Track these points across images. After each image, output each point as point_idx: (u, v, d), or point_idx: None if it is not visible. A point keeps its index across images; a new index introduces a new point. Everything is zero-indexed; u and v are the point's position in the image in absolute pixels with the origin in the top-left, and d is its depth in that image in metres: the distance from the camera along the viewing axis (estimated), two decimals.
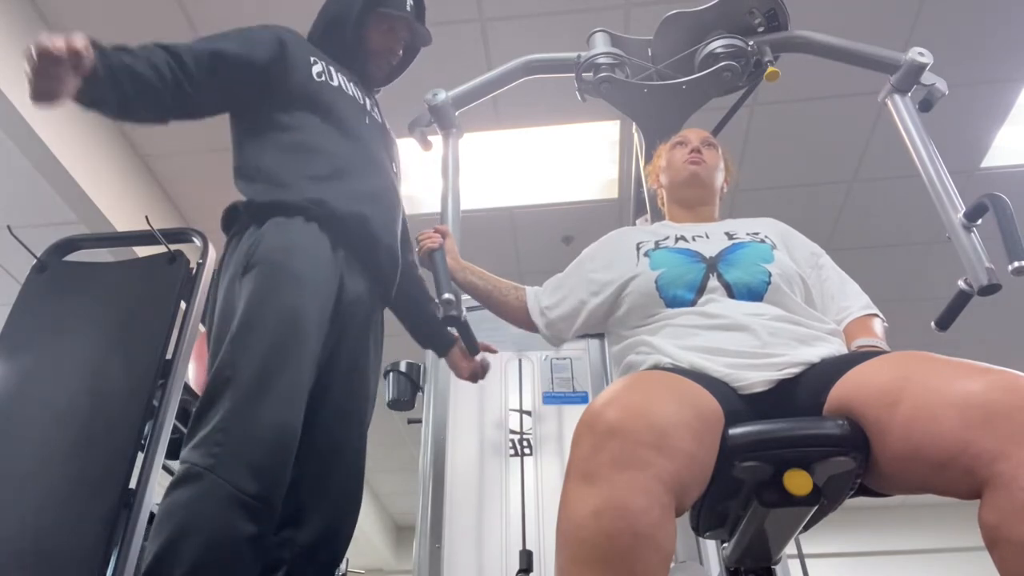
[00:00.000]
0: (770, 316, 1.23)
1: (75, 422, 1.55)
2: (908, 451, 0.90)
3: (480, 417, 2.19)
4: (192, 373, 1.89)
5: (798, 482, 0.95)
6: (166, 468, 1.65)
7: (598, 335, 2.30)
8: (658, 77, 1.94)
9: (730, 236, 1.42)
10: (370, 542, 6.88)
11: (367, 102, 1.69)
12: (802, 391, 1.10)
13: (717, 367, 1.14)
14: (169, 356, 1.66)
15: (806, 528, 1.08)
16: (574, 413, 1.92)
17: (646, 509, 0.83)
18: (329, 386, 1.40)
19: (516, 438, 2.13)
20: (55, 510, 1.45)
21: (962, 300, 1.51)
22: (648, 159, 1.87)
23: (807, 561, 3.01)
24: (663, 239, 1.44)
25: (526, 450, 2.11)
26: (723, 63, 1.83)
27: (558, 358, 2.30)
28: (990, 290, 1.46)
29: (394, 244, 1.59)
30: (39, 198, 3.27)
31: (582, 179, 3.86)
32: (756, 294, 1.28)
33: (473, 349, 1.72)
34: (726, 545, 1.16)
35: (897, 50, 1.82)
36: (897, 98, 1.80)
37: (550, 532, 1.85)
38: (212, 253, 1.78)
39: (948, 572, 6.35)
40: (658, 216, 1.77)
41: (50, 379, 1.62)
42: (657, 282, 1.33)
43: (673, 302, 1.30)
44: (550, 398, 2.23)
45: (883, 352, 1.11)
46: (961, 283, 1.51)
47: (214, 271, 1.57)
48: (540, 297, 1.53)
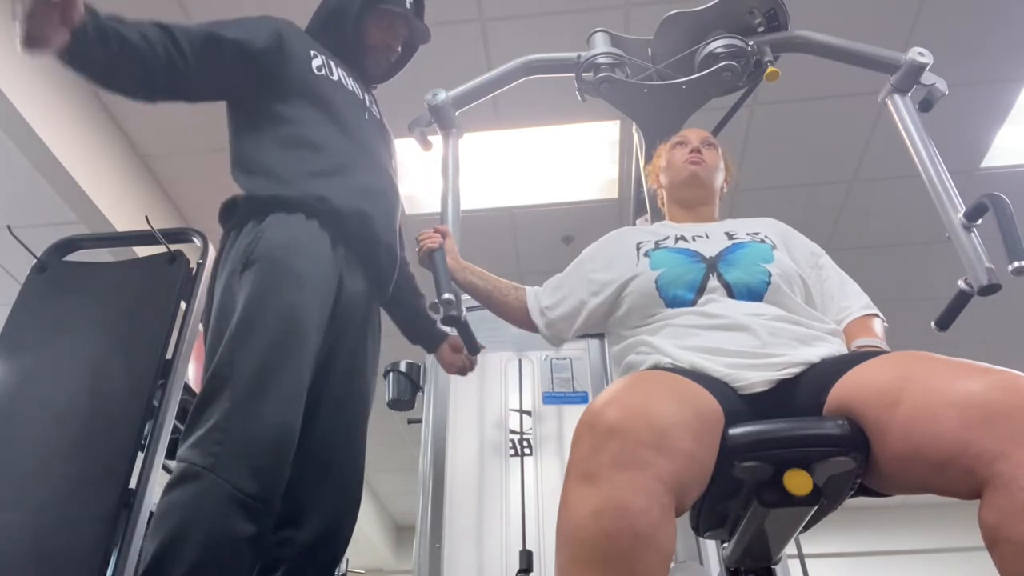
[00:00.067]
0: (770, 316, 1.23)
1: (75, 422, 1.55)
2: (908, 451, 0.90)
3: (480, 417, 2.19)
4: (192, 373, 1.89)
5: (798, 482, 0.95)
6: (166, 468, 1.65)
7: (598, 335, 2.30)
8: (658, 77, 1.94)
9: (730, 236, 1.42)
10: (370, 542, 6.88)
11: (366, 98, 1.68)
12: (802, 391, 1.10)
13: (717, 367, 1.14)
14: (169, 356, 1.66)
15: (806, 528, 1.08)
16: (574, 413, 1.92)
17: (646, 509, 0.83)
18: (327, 385, 1.40)
19: (516, 438, 2.13)
20: (55, 510, 1.45)
21: (962, 300, 1.51)
22: (648, 159, 1.87)
23: (807, 561, 3.01)
24: (663, 239, 1.44)
25: (526, 450, 2.11)
26: (723, 63, 1.83)
27: (558, 358, 2.30)
28: (990, 290, 1.46)
29: (394, 243, 1.58)
30: (39, 198, 3.26)
31: (582, 179, 3.86)
32: (756, 294, 1.28)
33: (473, 349, 1.71)
34: (726, 545, 1.16)
35: (897, 50, 1.82)
36: (897, 98, 1.79)
37: (550, 532, 1.85)
38: (212, 253, 1.78)
39: (948, 572, 6.35)
40: (658, 216, 1.77)
41: (50, 379, 1.62)
42: (657, 282, 1.33)
43: (673, 302, 1.30)
44: (550, 398, 2.23)
45: (883, 352, 1.11)
46: (961, 283, 1.51)
47: (211, 265, 1.56)
48: (540, 297, 1.53)
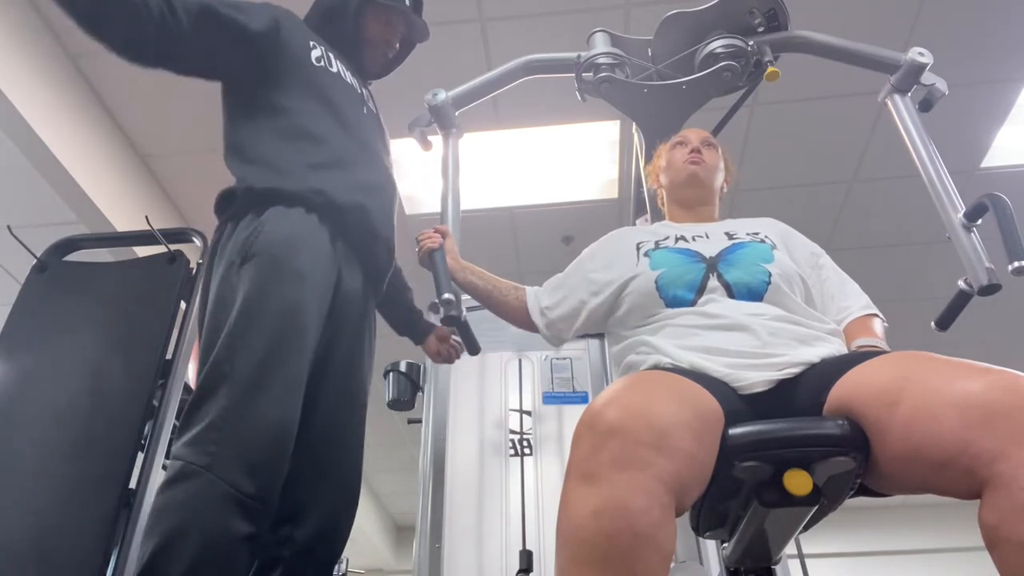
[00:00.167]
0: (770, 316, 1.23)
1: (75, 422, 1.55)
2: (908, 451, 0.90)
3: (480, 417, 2.19)
4: (192, 373, 1.89)
5: (798, 482, 0.95)
6: (166, 468, 1.65)
7: (598, 335, 2.30)
8: (658, 77, 1.94)
9: (730, 236, 1.42)
10: (370, 542, 6.88)
11: (364, 92, 1.68)
12: (802, 391, 1.10)
13: (717, 367, 1.14)
14: (169, 356, 1.66)
15: (806, 528, 1.08)
16: (574, 413, 1.92)
17: (646, 509, 0.83)
18: (325, 381, 1.39)
19: (516, 438, 2.13)
20: (55, 510, 1.45)
21: (962, 300, 1.51)
22: (648, 159, 1.87)
23: (807, 561, 3.01)
24: (663, 239, 1.44)
25: (526, 450, 2.11)
26: (723, 63, 1.83)
27: (558, 358, 2.30)
28: (990, 290, 1.46)
29: (391, 238, 1.57)
30: (39, 198, 3.26)
31: (582, 179, 3.86)
32: (756, 294, 1.28)
33: (474, 349, 1.71)
34: (726, 545, 1.16)
35: (897, 50, 1.82)
36: (897, 98, 1.79)
37: (550, 532, 1.85)
38: None
39: (948, 572, 6.35)
40: (658, 216, 1.77)
41: (50, 379, 1.62)
42: (657, 282, 1.33)
43: (673, 302, 1.30)
44: (550, 398, 2.23)
45: (883, 352, 1.11)
46: (961, 283, 1.51)
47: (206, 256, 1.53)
48: (540, 297, 1.53)
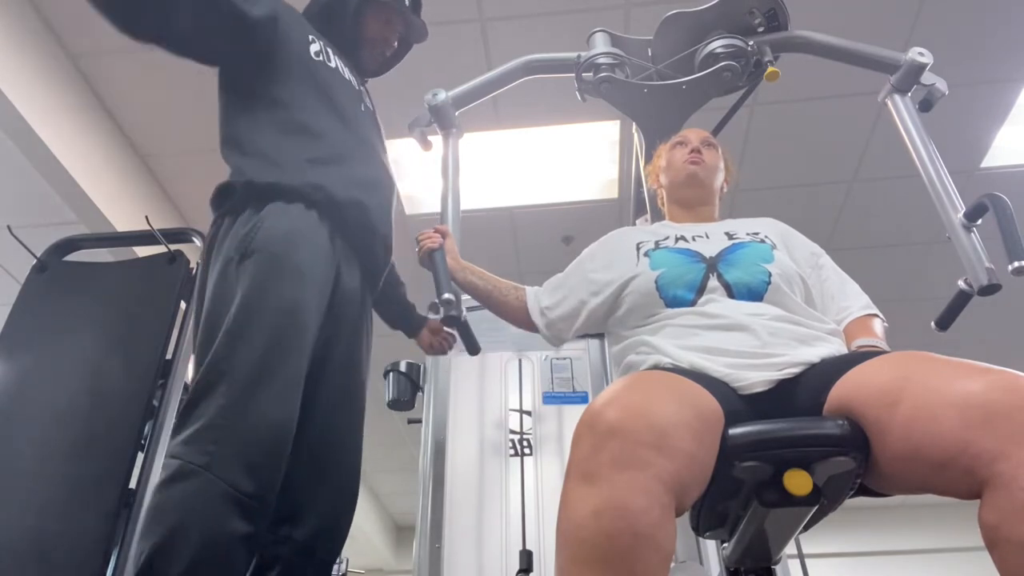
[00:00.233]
0: (770, 316, 1.23)
1: (75, 422, 1.55)
2: (908, 451, 0.90)
3: (480, 417, 2.19)
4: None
5: (798, 482, 0.95)
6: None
7: (598, 335, 2.30)
8: (658, 77, 1.94)
9: (730, 236, 1.42)
10: (370, 542, 6.88)
11: (361, 88, 1.68)
12: (802, 391, 1.09)
13: (717, 367, 1.14)
14: (169, 356, 1.66)
15: (806, 528, 1.08)
16: (574, 413, 1.92)
17: (646, 509, 0.83)
18: (324, 380, 1.38)
19: (516, 438, 2.13)
20: (55, 510, 1.45)
21: (962, 300, 1.51)
22: (648, 159, 1.87)
23: (807, 561, 3.01)
24: (663, 239, 1.44)
25: (526, 450, 2.11)
26: (723, 63, 1.83)
27: (558, 358, 2.30)
28: (990, 290, 1.46)
29: (389, 235, 1.57)
30: (39, 198, 3.26)
31: (582, 179, 3.86)
32: (756, 294, 1.28)
33: (474, 349, 1.70)
34: (726, 545, 1.16)
35: (897, 50, 1.82)
36: (897, 98, 1.80)
37: (550, 532, 1.85)
38: None
39: (948, 572, 6.35)
40: (658, 216, 1.77)
41: (50, 379, 1.63)
42: (657, 282, 1.33)
43: (673, 302, 1.30)
44: (550, 398, 2.23)
45: (883, 352, 1.10)
46: (961, 283, 1.51)
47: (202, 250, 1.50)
48: (540, 297, 1.53)
